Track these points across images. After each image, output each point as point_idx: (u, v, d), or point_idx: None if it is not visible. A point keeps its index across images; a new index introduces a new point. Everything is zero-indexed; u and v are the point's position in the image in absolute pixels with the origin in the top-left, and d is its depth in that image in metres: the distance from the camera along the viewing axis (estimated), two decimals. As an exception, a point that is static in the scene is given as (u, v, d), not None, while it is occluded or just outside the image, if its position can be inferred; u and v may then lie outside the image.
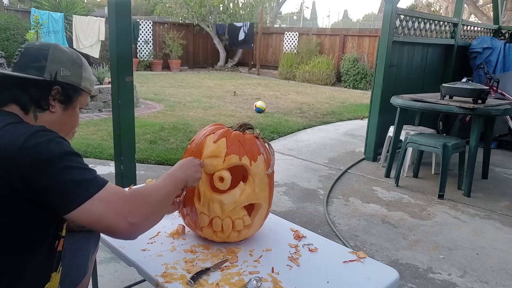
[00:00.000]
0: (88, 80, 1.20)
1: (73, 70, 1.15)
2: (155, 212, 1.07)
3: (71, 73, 1.14)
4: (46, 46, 1.14)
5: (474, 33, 6.08)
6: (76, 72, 1.15)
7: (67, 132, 1.18)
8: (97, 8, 16.42)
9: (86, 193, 0.94)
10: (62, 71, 1.12)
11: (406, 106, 3.94)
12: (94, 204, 0.94)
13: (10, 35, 10.49)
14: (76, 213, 0.93)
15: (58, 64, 1.11)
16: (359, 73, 12.05)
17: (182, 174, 1.23)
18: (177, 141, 5.09)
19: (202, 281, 1.22)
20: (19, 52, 1.14)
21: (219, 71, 15.47)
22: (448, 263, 2.60)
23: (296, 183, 3.93)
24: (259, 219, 1.47)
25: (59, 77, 1.11)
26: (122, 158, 2.74)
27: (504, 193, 3.93)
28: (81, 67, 1.17)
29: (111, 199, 0.96)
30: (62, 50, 1.15)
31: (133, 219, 0.98)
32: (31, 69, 1.09)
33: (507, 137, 5.56)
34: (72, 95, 1.15)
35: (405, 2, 61.36)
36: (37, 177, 0.92)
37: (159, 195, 1.10)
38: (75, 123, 1.21)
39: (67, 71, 1.13)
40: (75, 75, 1.15)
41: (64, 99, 1.13)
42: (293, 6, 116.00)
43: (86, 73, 1.19)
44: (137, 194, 1.04)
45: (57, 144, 0.97)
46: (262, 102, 7.48)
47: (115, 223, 0.96)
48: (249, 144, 1.39)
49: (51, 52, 1.13)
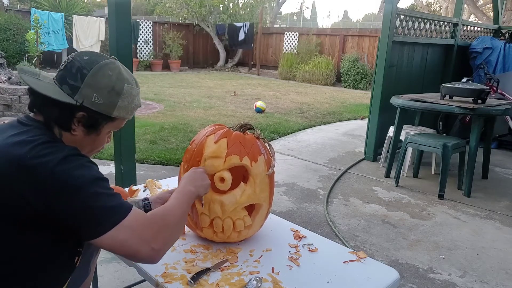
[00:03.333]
0: (126, 108, 1.12)
1: (107, 99, 1.07)
2: (174, 233, 1.08)
3: (103, 101, 1.06)
4: (90, 65, 1.06)
5: (474, 33, 6.08)
6: (110, 101, 1.08)
7: (88, 152, 1.15)
8: (97, 8, 16.44)
9: (112, 220, 0.95)
10: (94, 98, 1.05)
11: (406, 106, 3.94)
12: (119, 231, 0.95)
13: (10, 35, 10.50)
14: (100, 239, 0.95)
15: (93, 89, 1.05)
16: (359, 73, 12.05)
17: (192, 187, 1.22)
18: (177, 141, 5.09)
19: (202, 281, 1.22)
20: (67, 60, 1.09)
21: (219, 71, 15.47)
22: (448, 263, 2.60)
23: (296, 183, 3.93)
24: (259, 220, 1.47)
25: (88, 103, 1.04)
26: (122, 158, 2.74)
27: (504, 193, 3.93)
28: (119, 96, 1.09)
29: (134, 226, 0.98)
30: (105, 74, 1.07)
31: (156, 245, 0.99)
32: (66, 85, 1.05)
33: (507, 137, 5.56)
34: (98, 123, 1.09)
35: (405, 2, 61.33)
36: (65, 203, 0.93)
37: (176, 215, 1.10)
38: (98, 146, 1.17)
39: (100, 98, 1.06)
40: (107, 105, 1.07)
41: (88, 125, 1.08)
42: (293, 6, 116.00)
43: (124, 101, 1.10)
44: (157, 218, 1.04)
45: (87, 170, 0.98)
46: (262, 102, 7.48)
47: (138, 250, 0.97)
48: (249, 145, 1.39)
49: (92, 73, 1.05)
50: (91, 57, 1.08)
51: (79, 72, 1.04)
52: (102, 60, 1.08)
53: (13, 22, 10.65)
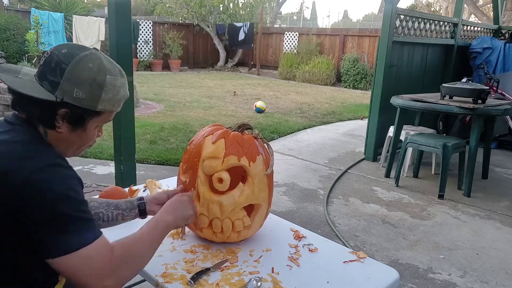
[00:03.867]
0: (111, 101, 1.06)
1: (90, 93, 1.01)
2: (136, 267, 1.05)
3: (86, 95, 1.01)
4: (69, 58, 1.00)
5: (474, 33, 6.08)
6: (93, 95, 1.02)
7: (76, 149, 1.12)
8: (97, 8, 16.45)
9: (68, 247, 0.91)
10: (75, 92, 0.99)
11: (406, 106, 3.94)
12: (72, 260, 0.91)
13: (10, 35, 10.50)
14: (52, 262, 0.91)
15: (73, 84, 0.99)
16: (359, 73, 12.05)
17: (170, 218, 1.18)
18: (177, 141, 5.09)
19: (202, 281, 1.22)
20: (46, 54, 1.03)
21: (219, 71, 15.47)
22: (448, 263, 2.60)
23: (296, 183, 3.93)
24: (259, 220, 1.47)
25: (70, 98, 0.99)
26: (122, 158, 2.74)
27: (504, 193, 3.93)
28: (102, 88, 1.03)
29: (92, 258, 0.93)
30: (85, 67, 1.01)
31: (109, 282, 0.95)
32: (46, 82, 1.00)
33: (507, 137, 5.56)
34: (83, 118, 1.04)
35: (405, 2, 61.33)
36: (32, 213, 0.90)
37: (144, 248, 1.06)
38: (86, 141, 1.12)
39: (82, 93, 1.00)
40: (90, 98, 1.02)
41: (73, 121, 1.03)
42: (293, 6, 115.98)
43: (108, 94, 1.04)
44: (121, 252, 1.00)
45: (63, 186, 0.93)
46: (262, 102, 7.48)
47: (88, 283, 0.93)
48: (247, 145, 1.39)
49: (71, 67, 1.00)
50: (70, 50, 1.02)
51: (58, 67, 0.99)
52: (81, 52, 1.02)
53: (13, 22, 10.65)
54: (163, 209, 1.21)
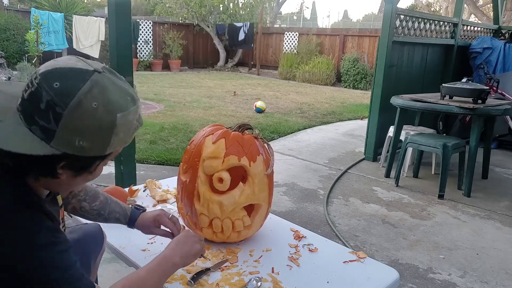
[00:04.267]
0: (122, 140, 0.85)
1: (96, 141, 0.80)
2: None
3: (91, 145, 0.80)
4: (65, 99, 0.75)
5: (474, 33, 6.08)
6: (101, 142, 0.81)
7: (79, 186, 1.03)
8: (97, 8, 16.43)
9: None
10: (78, 142, 0.78)
11: (406, 106, 3.94)
12: None
13: (10, 35, 10.50)
14: None
15: (74, 133, 0.77)
16: (359, 73, 12.05)
17: (178, 259, 1.11)
18: (177, 141, 5.09)
19: (202, 281, 1.22)
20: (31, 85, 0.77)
21: (219, 71, 15.47)
22: (448, 263, 2.60)
23: (296, 183, 3.93)
24: (259, 220, 1.47)
25: (71, 149, 0.78)
26: (122, 158, 2.74)
27: (504, 193, 3.93)
28: (112, 132, 0.81)
29: None
30: (87, 109, 0.76)
31: None
32: (36, 127, 0.76)
33: (507, 137, 5.55)
34: (89, 165, 0.87)
35: (405, 2, 61.33)
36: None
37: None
38: (90, 180, 0.95)
39: (86, 142, 0.79)
40: (97, 147, 0.82)
41: (77, 169, 0.86)
42: (293, 6, 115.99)
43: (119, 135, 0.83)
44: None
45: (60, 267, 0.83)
46: (262, 102, 7.48)
47: None
48: (248, 145, 1.39)
49: (69, 113, 0.75)
50: (64, 83, 0.76)
51: (50, 110, 0.75)
52: (79, 86, 0.77)
53: (13, 22, 10.65)
54: (173, 247, 1.14)
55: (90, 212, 1.29)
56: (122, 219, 1.34)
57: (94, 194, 1.31)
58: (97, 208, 1.30)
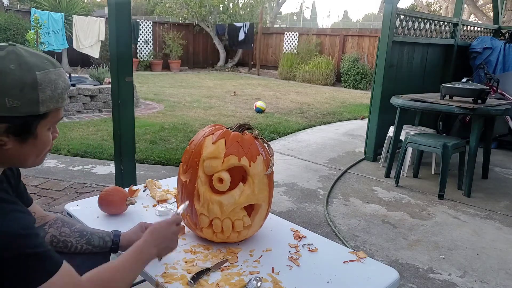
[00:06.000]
0: (52, 98, 0.92)
1: (24, 98, 0.87)
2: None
3: (21, 103, 0.87)
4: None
5: (474, 33, 6.08)
6: (29, 99, 0.88)
7: (35, 159, 0.99)
8: (97, 8, 16.43)
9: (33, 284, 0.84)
10: (8, 103, 0.86)
11: (406, 106, 3.94)
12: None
13: (10, 35, 10.49)
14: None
15: (1, 95, 0.85)
16: (359, 73, 12.05)
17: (154, 249, 1.13)
18: (177, 141, 5.09)
19: (202, 281, 1.22)
20: None
21: (219, 71, 15.47)
22: (448, 263, 2.60)
23: (296, 183, 3.93)
24: (259, 220, 1.47)
25: (4, 111, 0.86)
26: (122, 158, 2.74)
27: (504, 193, 3.93)
28: (36, 88, 0.89)
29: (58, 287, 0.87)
30: (6, 71, 0.86)
31: None
32: None
33: (507, 137, 5.55)
34: (29, 126, 0.91)
35: (405, 2, 61.37)
36: None
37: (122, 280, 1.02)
38: (43, 147, 0.98)
39: (15, 101, 0.86)
40: (28, 104, 0.88)
41: (18, 133, 0.90)
42: (293, 6, 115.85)
43: (46, 92, 0.90)
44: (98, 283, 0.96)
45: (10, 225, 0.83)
46: (262, 102, 7.48)
47: None
48: (248, 145, 1.39)
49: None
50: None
51: None
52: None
53: (13, 22, 10.64)
54: (148, 238, 1.14)
55: (72, 235, 1.27)
56: (106, 236, 1.31)
57: (71, 221, 1.33)
58: (78, 230, 1.29)
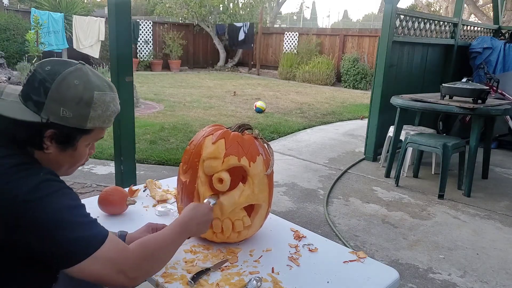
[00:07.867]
0: (100, 118, 1.02)
1: (77, 111, 0.97)
2: (159, 264, 1.08)
3: (73, 114, 0.97)
4: (53, 76, 0.96)
5: (474, 33, 6.08)
6: (81, 113, 0.98)
7: (67, 168, 1.08)
8: (97, 8, 16.41)
9: (84, 252, 0.91)
10: (62, 112, 0.96)
11: (406, 106, 3.94)
12: (93, 263, 0.91)
13: (10, 35, 10.49)
14: (71, 270, 0.91)
15: (58, 103, 0.95)
16: (359, 73, 12.05)
17: (195, 228, 1.20)
18: (177, 141, 5.09)
19: (202, 281, 1.22)
20: (29, 73, 0.99)
21: (219, 71, 15.47)
22: (448, 263, 2.60)
23: (296, 183, 3.93)
24: (259, 220, 1.47)
25: (56, 119, 0.96)
26: (122, 158, 2.74)
27: (504, 193, 3.93)
28: (90, 106, 0.99)
29: (110, 257, 0.94)
30: (70, 84, 0.96)
31: (133, 274, 0.97)
32: (30, 102, 0.96)
33: (507, 137, 5.56)
34: (72, 137, 1.01)
35: (405, 2, 61.38)
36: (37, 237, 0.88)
37: (167, 250, 1.09)
38: (77, 161, 1.08)
39: (69, 112, 0.96)
40: (78, 118, 0.98)
41: (61, 141, 1.00)
42: (293, 6, 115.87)
43: (97, 111, 1.00)
44: (144, 251, 1.02)
45: (61, 198, 0.92)
46: (262, 102, 7.48)
47: (115, 280, 0.95)
48: (248, 145, 1.39)
49: (55, 86, 0.95)
50: (54, 66, 0.98)
51: (41, 86, 0.95)
52: (65, 68, 0.98)
53: (13, 22, 10.64)
54: (193, 216, 1.20)
55: None
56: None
57: None
58: None
